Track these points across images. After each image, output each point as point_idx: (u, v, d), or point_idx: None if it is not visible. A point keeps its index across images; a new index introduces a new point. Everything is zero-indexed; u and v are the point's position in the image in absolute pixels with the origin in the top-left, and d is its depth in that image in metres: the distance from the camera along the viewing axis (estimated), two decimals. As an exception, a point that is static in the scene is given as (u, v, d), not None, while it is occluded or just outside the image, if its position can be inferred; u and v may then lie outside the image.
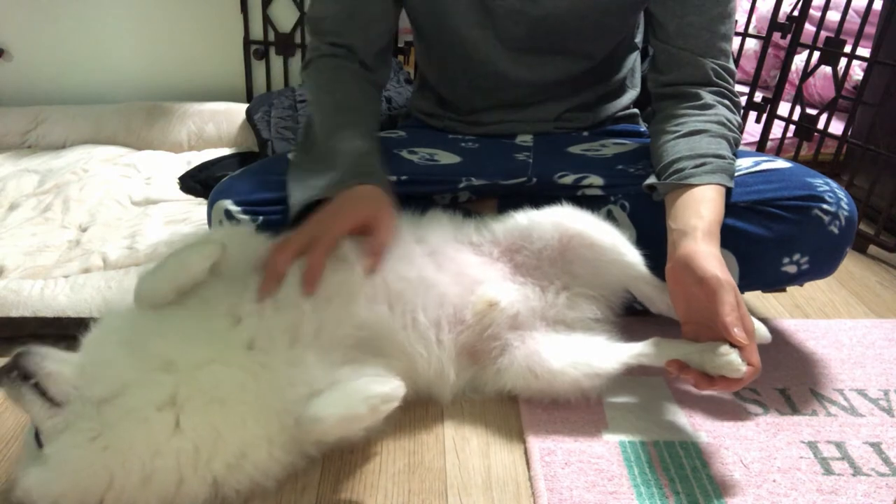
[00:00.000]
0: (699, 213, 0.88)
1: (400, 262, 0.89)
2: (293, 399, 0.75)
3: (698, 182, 0.92)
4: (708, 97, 1.01)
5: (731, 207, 0.96)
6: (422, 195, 1.07)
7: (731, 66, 1.04)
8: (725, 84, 1.03)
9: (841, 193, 0.96)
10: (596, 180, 1.05)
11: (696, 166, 0.93)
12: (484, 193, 1.11)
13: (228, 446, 0.72)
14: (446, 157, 1.10)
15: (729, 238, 0.97)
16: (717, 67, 1.02)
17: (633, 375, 0.94)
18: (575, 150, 1.12)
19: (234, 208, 0.98)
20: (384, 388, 0.74)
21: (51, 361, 0.71)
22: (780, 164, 1.01)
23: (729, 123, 1.00)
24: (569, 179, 1.06)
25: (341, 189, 0.88)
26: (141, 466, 0.69)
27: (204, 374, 0.74)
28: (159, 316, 0.78)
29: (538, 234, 0.96)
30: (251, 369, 0.76)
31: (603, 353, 0.89)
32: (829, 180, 0.98)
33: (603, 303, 0.98)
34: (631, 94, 1.22)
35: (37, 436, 0.71)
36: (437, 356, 0.89)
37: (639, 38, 1.21)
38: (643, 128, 1.23)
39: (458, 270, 0.93)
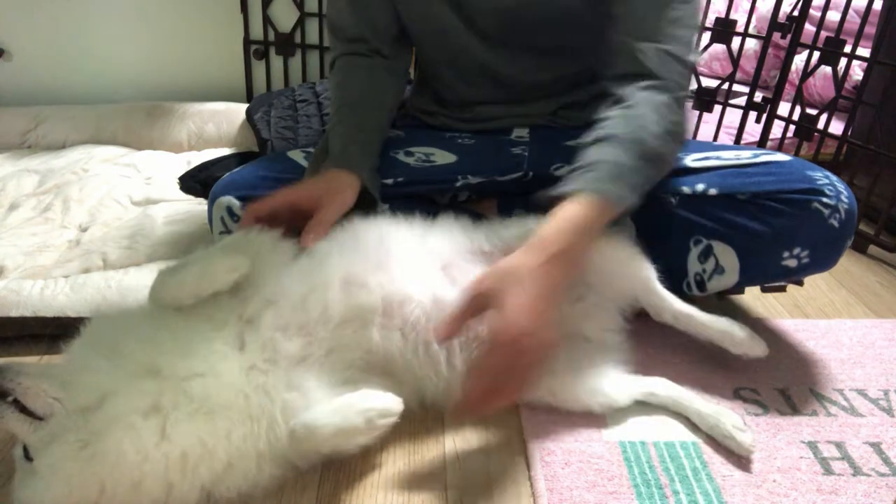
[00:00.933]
0: (540, 229, 0.83)
1: (416, 283, 0.88)
2: (286, 420, 0.75)
3: (565, 190, 0.86)
4: (636, 96, 0.92)
5: (732, 200, 0.97)
6: (419, 195, 1.07)
7: (687, 55, 0.95)
8: (667, 74, 0.93)
9: (841, 186, 0.96)
10: None
11: (572, 172, 0.89)
12: (482, 191, 1.10)
13: (215, 456, 0.72)
14: (442, 157, 1.10)
15: (729, 232, 0.97)
16: (661, 53, 0.93)
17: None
18: (571, 143, 1.12)
19: (235, 203, 0.98)
20: (382, 401, 0.74)
21: (27, 377, 0.70)
22: (780, 156, 1.01)
23: (647, 127, 0.89)
24: (565, 171, 1.06)
25: (316, 173, 0.98)
26: (130, 472, 0.69)
27: (192, 386, 0.73)
28: (153, 322, 0.78)
29: None
30: (244, 391, 0.75)
31: (619, 387, 0.92)
32: (828, 174, 0.97)
33: (614, 311, 0.98)
34: None
35: (25, 450, 0.71)
36: (447, 378, 0.88)
37: None
38: None
39: None
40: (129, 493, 0.69)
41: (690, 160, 1.02)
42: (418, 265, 0.89)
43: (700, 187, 0.99)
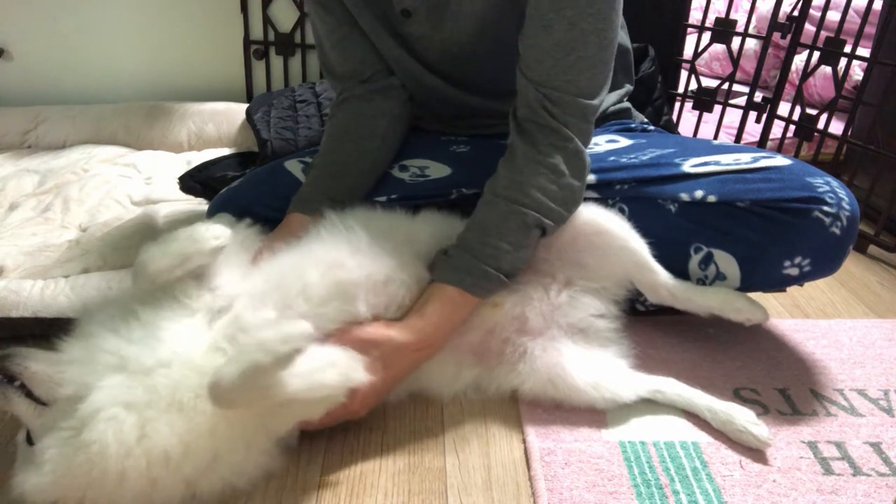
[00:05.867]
0: (423, 310, 0.87)
1: (395, 266, 0.89)
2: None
3: (442, 279, 0.89)
4: (524, 153, 0.91)
5: (731, 208, 0.96)
6: (413, 207, 1.07)
7: (590, 98, 0.91)
8: (562, 123, 0.90)
9: (842, 193, 0.95)
10: (588, 177, 1.03)
11: (445, 255, 0.91)
12: (476, 199, 1.11)
13: (198, 452, 0.71)
14: (437, 170, 1.11)
15: (729, 241, 0.97)
16: (557, 100, 0.90)
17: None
18: None
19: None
20: (278, 328, 0.67)
21: (34, 362, 0.72)
22: (780, 160, 1.00)
23: (529, 194, 0.89)
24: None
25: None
26: (115, 465, 0.68)
27: (157, 379, 0.71)
28: (125, 313, 0.77)
29: None
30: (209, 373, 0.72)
31: (624, 382, 0.92)
32: (829, 179, 0.96)
33: (606, 297, 0.99)
34: (618, 94, 1.22)
35: (28, 435, 0.72)
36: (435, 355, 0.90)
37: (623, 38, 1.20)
38: (635, 123, 1.23)
39: None
40: (115, 487, 0.69)
41: (689, 166, 1.01)
42: (396, 250, 0.90)
43: (699, 194, 0.98)
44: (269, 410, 0.73)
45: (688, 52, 1.82)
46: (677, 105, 1.79)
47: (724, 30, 1.68)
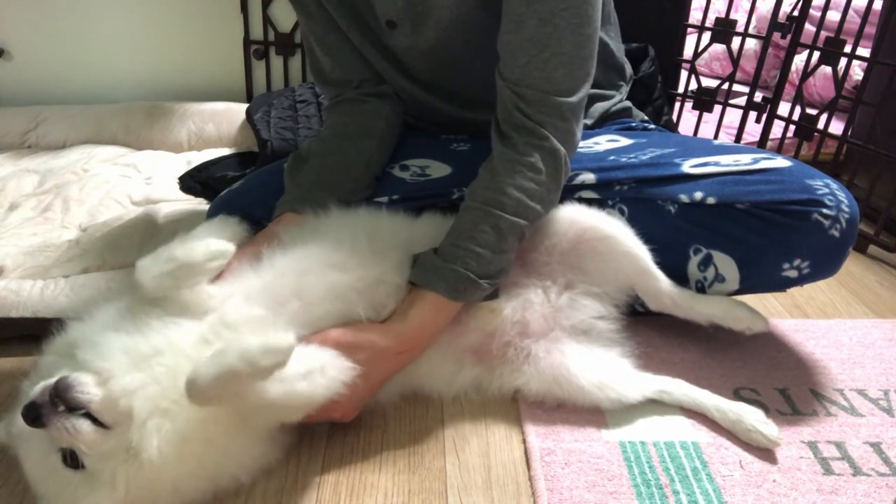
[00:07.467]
0: (406, 313, 0.87)
1: (393, 269, 0.89)
2: None
3: (414, 280, 0.89)
4: (502, 154, 0.91)
5: (730, 209, 0.96)
6: (416, 209, 1.07)
7: (566, 96, 0.89)
8: (538, 122, 0.89)
9: (842, 195, 0.94)
10: (588, 177, 1.04)
11: (420, 261, 0.90)
12: None
13: (216, 443, 0.72)
14: (438, 170, 1.11)
15: (728, 243, 0.97)
16: (532, 98, 0.89)
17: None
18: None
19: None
20: (263, 339, 0.66)
21: (93, 387, 0.68)
22: (780, 162, 0.99)
23: (506, 197, 0.88)
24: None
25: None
26: (171, 474, 0.69)
27: (157, 369, 0.71)
28: (121, 315, 0.77)
29: (553, 230, 0.96)
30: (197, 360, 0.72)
31: (629, 382, 0.92)
32: (829, 181, 0.96)
33: (607, 301, 0.99)
34: (617, 96, 1.22)
35: (68, 457, 0.69)
36: (431, 355, 0.91)
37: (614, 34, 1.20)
38: (636, 122, 1.23)
39: None
40: (171, 495, 0.71)
41: (689, 166, 1.01)
42: (394, 253, 0.90)
43: (698, 195, 0.98)
44: (247, 410, 0.72)
45: (688, 52, 1.82)
46: (677, 105, 1.79)
47: (724, 30, 1.68)
